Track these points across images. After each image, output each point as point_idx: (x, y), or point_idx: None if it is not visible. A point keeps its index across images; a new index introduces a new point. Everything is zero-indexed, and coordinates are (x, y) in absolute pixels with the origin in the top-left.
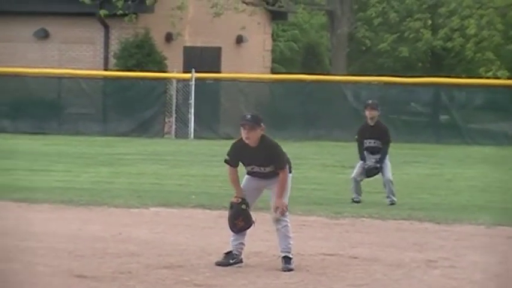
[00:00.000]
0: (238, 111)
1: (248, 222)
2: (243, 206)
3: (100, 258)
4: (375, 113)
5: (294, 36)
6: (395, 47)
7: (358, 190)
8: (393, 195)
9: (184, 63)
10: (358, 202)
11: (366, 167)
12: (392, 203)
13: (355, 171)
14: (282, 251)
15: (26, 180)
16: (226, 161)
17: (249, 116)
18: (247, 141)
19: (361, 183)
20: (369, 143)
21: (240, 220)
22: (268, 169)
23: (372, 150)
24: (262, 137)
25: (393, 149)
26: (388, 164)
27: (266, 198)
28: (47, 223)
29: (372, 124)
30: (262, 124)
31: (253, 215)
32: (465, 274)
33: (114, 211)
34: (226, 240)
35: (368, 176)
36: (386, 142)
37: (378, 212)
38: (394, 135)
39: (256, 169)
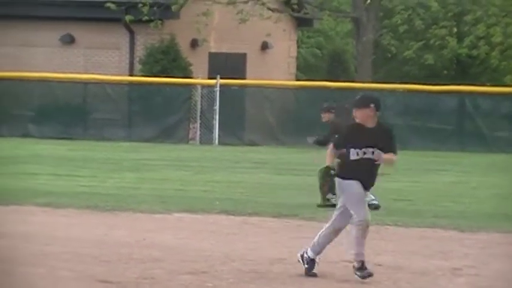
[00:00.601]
0: (263, 117)
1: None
2: (332, 172)
3: (124, 264)
4: (330, 116)
5: (318, 43)
6: (421, 54)
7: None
8: (373, 199)
9: (209, 69)
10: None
11: None
12: (376, 208)
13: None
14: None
15: (51, 185)
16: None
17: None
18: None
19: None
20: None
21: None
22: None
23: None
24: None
25: (418, 156)
26: None
27: (288, 203)
28: (71, 228)
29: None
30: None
31: (278, 221)
32: (490, 282)
33: (139, 216)
34: (250, 246)
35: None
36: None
37: (402, 219)
38: (418, 143)
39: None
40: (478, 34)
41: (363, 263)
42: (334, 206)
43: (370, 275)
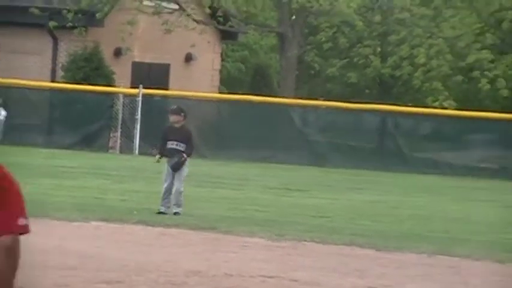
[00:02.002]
0: None
1: None
2: None
3: (39, 271)
4: (177, 118)
5: (243, 58)
6: (344, 72)
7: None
8: (179, 206)
9: (132, 78)
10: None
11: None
12: (176, 213)
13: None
14: None
15: None
16: None
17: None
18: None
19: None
20: (171, 144)
21: None
22: None
23: (174, 152)
24: None
25: (338, 174)
26: (182, 173)
27: (207, 215)
28: None
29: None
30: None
31: (195, 233)
32: None
33: (56, 224)
34: (167, 258)
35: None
36: (190, 146)
37: (320, 236)
38: (339, 160)
39: None
40: (401, 54)
41: None
42: None
43: None
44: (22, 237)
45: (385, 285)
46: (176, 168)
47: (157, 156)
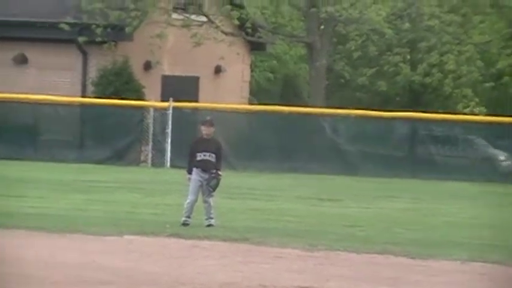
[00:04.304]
0: None
1: None
2: None
3: (73, 286)
4: (211, 130)
5: (271, 67)
6: (374, 81)
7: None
8: (211, 218)
9: (162, 92)
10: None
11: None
12: (209, 225)
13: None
14: None
15: (1, 205)
16: None
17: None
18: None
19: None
20: (203, 155)
21: None
22: None
23: (206, 163)
24: None
25: (369, 183)
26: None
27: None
28: (19, 249)
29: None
30: None
31: (228, 245)
32: None
33: (89, 238)
34: (199, 270)
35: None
36: (220, 158)
37: (352, 245)
38: (370, 169)
39: None
40: (431, 61)
41: None
42: None
43: None
44: (53, 253)
45: None
46: (215, 188)
47: (188, 177)
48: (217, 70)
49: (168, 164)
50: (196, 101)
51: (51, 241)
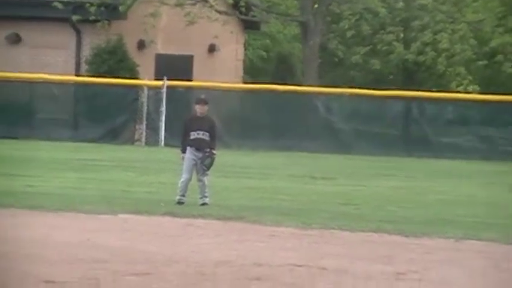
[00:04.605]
0: None
1: None
2: None
3: (69, 264)
4: (205, 108)
5: (264, 46)
6: (367, 59)
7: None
8: (205, 197)
9: (156, 70)
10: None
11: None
12: (203, 204)
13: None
14: None
15: None
16: None
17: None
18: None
19: None
20: (196, 134)
21: None
22: None
23: (200, 142)
24: None
25: (363, 161)
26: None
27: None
28: (14, 228)
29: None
30: None
31: (222, 223)
32: (433, 287)
33: (83, 217)
34: (194, 248)
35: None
36: (214, 136)
37: (347, 223)
38: (364, 148)
39: None
40: (424, 40)
41: None
42: None
43: None
44: (48, 231)
45: (413, 271)
46: (210, 167)
47: (182, 156)
48: (211, 49)
49: (162, 142)
50: (190, 79)
51: (46, 219)
